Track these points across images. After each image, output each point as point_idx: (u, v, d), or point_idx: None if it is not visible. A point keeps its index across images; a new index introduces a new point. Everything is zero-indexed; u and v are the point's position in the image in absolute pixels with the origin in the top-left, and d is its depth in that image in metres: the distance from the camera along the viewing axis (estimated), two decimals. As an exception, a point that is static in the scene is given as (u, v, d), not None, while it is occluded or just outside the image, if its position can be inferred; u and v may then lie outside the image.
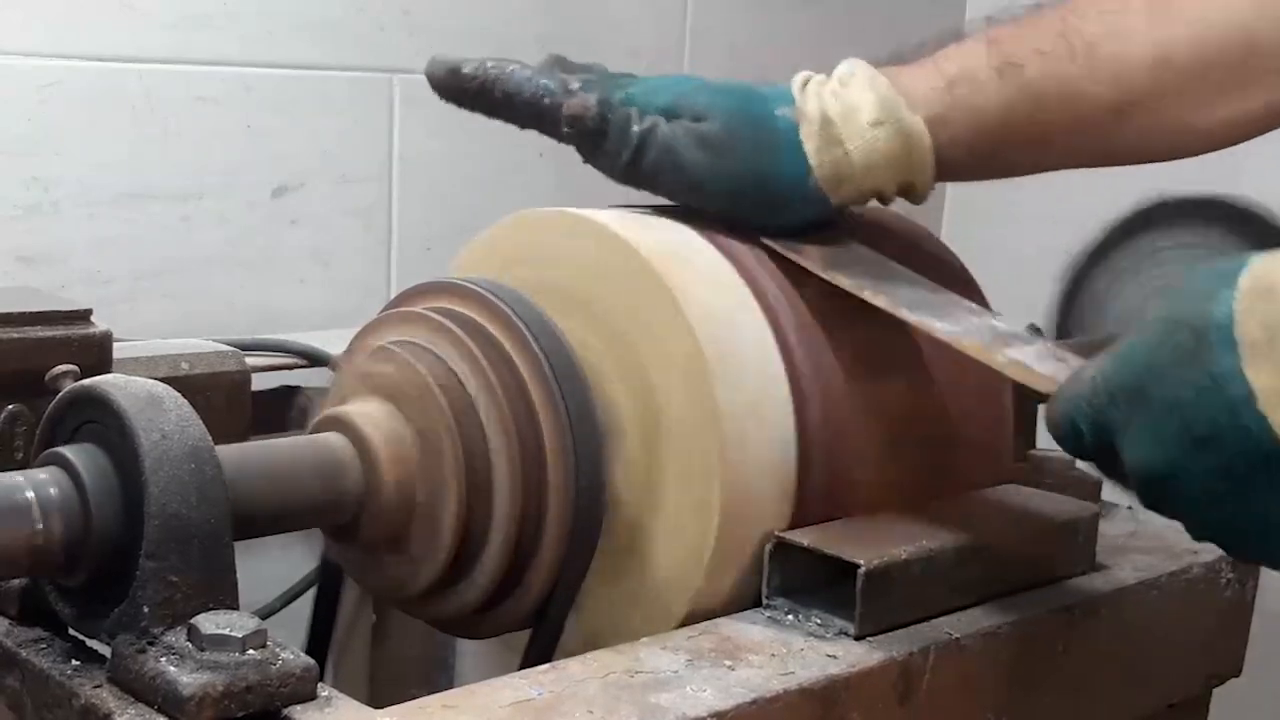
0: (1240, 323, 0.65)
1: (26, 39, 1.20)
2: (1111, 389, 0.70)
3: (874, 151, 0.87)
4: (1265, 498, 0.66)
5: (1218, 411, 0.65)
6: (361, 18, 1.39)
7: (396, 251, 1.45)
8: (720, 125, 0.87)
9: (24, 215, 1.22)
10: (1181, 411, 0.66)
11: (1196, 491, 0.68)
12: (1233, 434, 0.65)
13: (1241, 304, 0.65)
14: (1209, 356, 0.65)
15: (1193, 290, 0.68)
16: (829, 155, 0.87)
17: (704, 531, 0.82)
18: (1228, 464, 0.66)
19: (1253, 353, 0.64)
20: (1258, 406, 0.64)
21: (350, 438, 0.82)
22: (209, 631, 0.66)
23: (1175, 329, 0.67)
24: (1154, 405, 0.68)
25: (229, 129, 1.32)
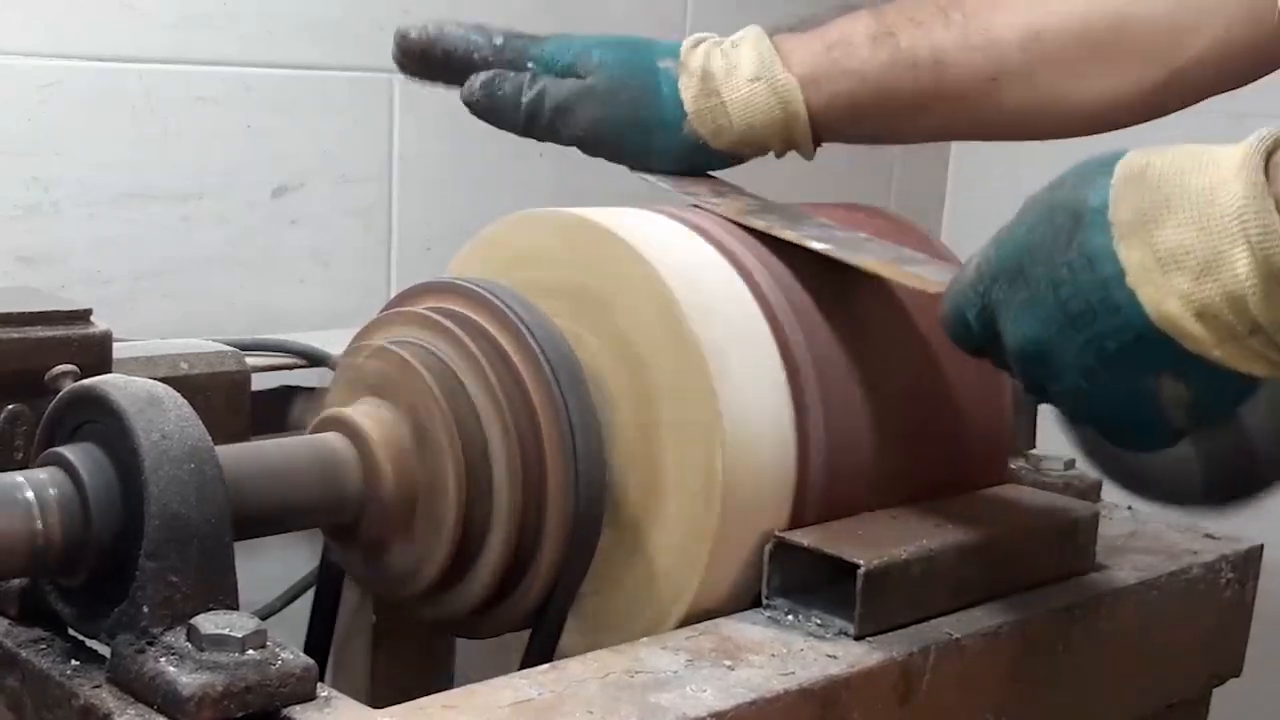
0: (1114, 205, 0.69)
1: (26, 39, 1.20)
2: (994, 271, 0.74)
3: (749, 105, 0.95)
4: (1134, 375, 0.70)
5: (1091, 289, 0.69)
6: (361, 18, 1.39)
7: (396, 251, 1.45)
8: (605, 78, 0.96)
9: (24, 215, 1.22)
10: (1057, 290, 0.70)
11: (1072, 370, 0.71)
12: (1105, 310, 0.69)
13: (1116, 189, 0.69)
14: (1084, 236, 0.69)
15: (1073, 178, 0.71)
16: (706, 104, 0.96)
17: (704, 531, 0.82)
18: (1100, 340, 0.69)
19: (1124, 232, 0.68)
20: (1127, 282, 0.68)
21: (350, 438, 0.82)
22: (209, 631, 0.66)
23: (1054, 213, 0.71)
24: (1032, 284, 0.71)
25: (229, 129, 1.32)
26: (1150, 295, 0.68)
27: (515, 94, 0.97)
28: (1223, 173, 0.67)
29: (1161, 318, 0.68)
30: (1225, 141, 0.69)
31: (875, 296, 0.92)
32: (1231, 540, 1.03)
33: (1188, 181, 0.68)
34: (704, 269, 0.87)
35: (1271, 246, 0.65)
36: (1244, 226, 0.66)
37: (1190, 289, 0.67)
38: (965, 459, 0.95)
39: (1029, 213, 0.73)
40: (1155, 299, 0.68)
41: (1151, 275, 0.67)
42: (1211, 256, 0.66)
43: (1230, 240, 0.66)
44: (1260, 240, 0.65)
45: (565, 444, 0.82)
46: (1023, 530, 0.90)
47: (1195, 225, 0.67)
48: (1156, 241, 0.67)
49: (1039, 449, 1.10)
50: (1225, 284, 0.66)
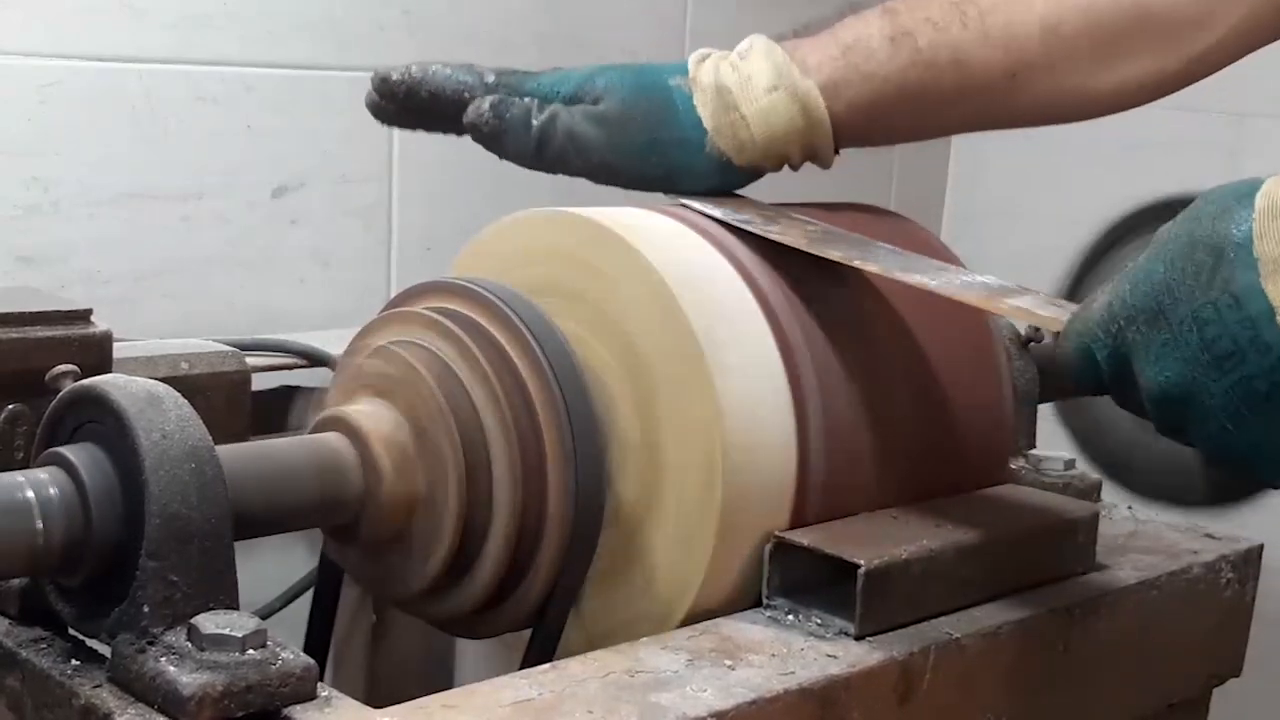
0: (1259, 240, 0.66)
1: (26, 39, 1.20)
2: (1129, 311, 0.71)
3: (770, 115, 0.92)
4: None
5: (1239, 328, 0.66)
6: (361, 18, 1.39)
7: (396, 251, 1.45)
8: (617, 101, 0.92)
9: (24, 215, 1.22)
10: (1202, 330, 0.67)
11: (1217, 412, 0.68)
12: (1255, 351, 0.66)
13: (1259, 223, 0.66)
14: (1229, 274, 0.66)
15: (1208, 210, 0.68)
16: (725, 119, 0.92)
17: (704, 531, 0.82)
18: (1249, 382, 0.67)
19: (1272, 269, 0.65)
20: (1278, 320, 0.65)
21: (350, 438, 0.82)
22: (209, 631, 0.66)
23: (1195, 249, 0.68)
24: (1174, 325, 0.68)
25: (229, 129, 1.32)
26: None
27: (525, 117, 0.93)
28: None
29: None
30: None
31: (876, 297, 0.92)
32: (1231, 540, 1.03)
33: None
34: (703, 268, 0.87)
35: None
36: None
37: None
38: (965, 459, 0.95)
39: (1165, 248, 0.70)
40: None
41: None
42: None
43: None
44: None
45: (565, 444, 0.82)
46: (1023, 530, 0.90)
47: None
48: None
49: (1039, 449, 1.10)
50: None
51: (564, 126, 0.92)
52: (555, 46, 1.51)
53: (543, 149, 0.93)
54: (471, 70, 0.95)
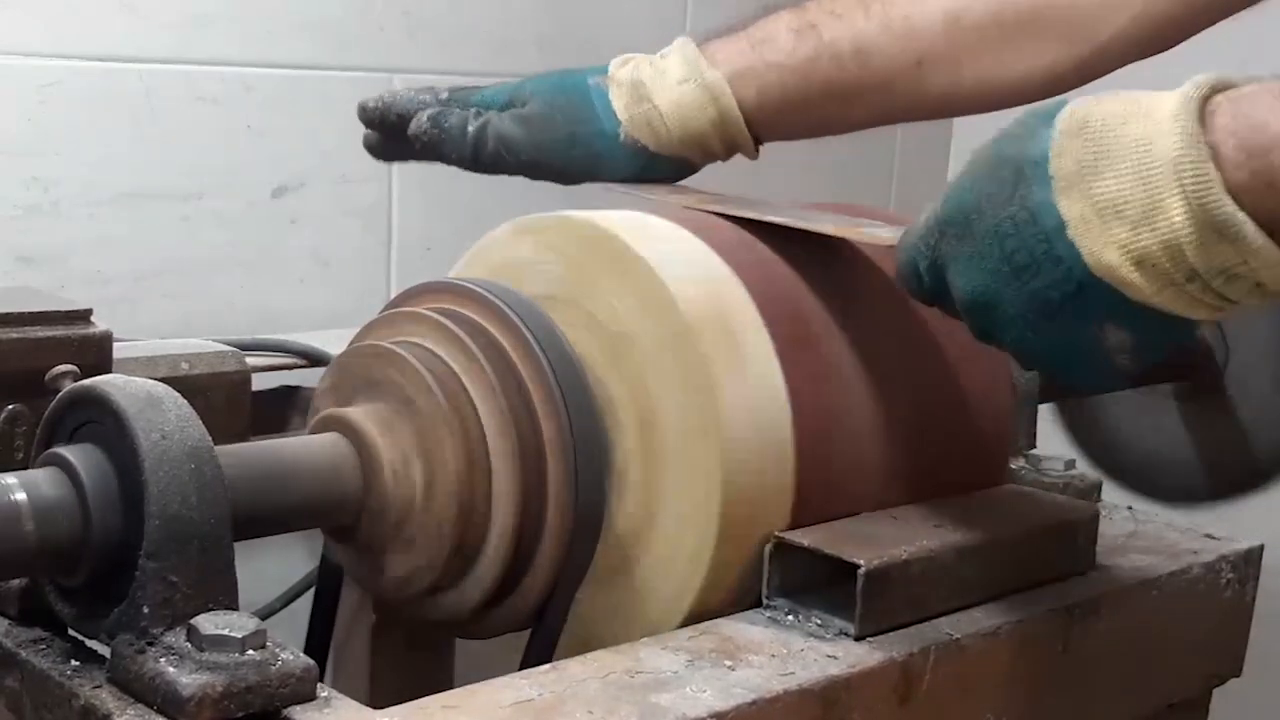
0: (1055, 158, 0.70)
1: (26, 39, 1.20)
2: (941, 225, 0.75)
3: (681, 105, 0.98)
4: (1077, 324, 0.71)
5: (1034, 242, 0.70)
6: (361, 18, 1.39)
7: (396, 251, 1.45)
8: (539, 102, 0.99)
9: (24, 215, 1.22)
10: (1002, 243, 0.72)
11: (1018, 321, 0.73)
12: (1048, 262, 0.70)
13: (1057, 141, 0.70)
14: (1026, 190, 0.71)
15: (1014, 130, 0.73)
16: (638, 110, 0.98)
17: (704, 532, 0.82)
18: (1044, 292, 0.71)
19: (1064, 185, 0.69)
20: (1068, 234, 0.69)
21: (350, 438, 0.82)
22: (209, 632, 0.66)
23: (999, 166, 0.72)
24: (978, 238, 0.73)
25: (229, 129, 1.32)
26: (1090, 247, 0.69)
27: (461, 126, 1.00)
28: (1158, 124, 0.68)
29: (1102, 268, 0.69)
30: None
31: (876, 297, 0.92)
32: (1231, 540, 1.03)
33: (1126, 132, 0.69)
34: (703, 271, 0.87)
35: (1206, 195, 0.66)
36: (1179, 176, 0.67)
37: (1129, 239, 0.68)
38: (965, 459, 0.95)
39: (975, 166, 0.74)
40: (1095, 250, 0.69)
41: (1091, 227, 0.69)
42: (1149, 206, 0.68)
43: (1166, 190, 0.67)
44: (1195, 189, 0.66)
45: (565, 444, 0.82)
46: (1022, 530, 0.90)
47: (1133, 176, 0.68)
48: (1095, 193, 0.69)
49: (1039, 449, 1.10)
50: (1162, 233, 0.67)
51: (494, 130, 0.99)
52: (555, 46, 1.51)
53: (478, 152, 1.00)
54: (429, 90, 1.03)
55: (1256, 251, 0.67)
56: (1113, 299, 0.70)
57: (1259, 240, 0.66)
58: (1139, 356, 0.73)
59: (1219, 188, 0.66)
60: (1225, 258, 0.67)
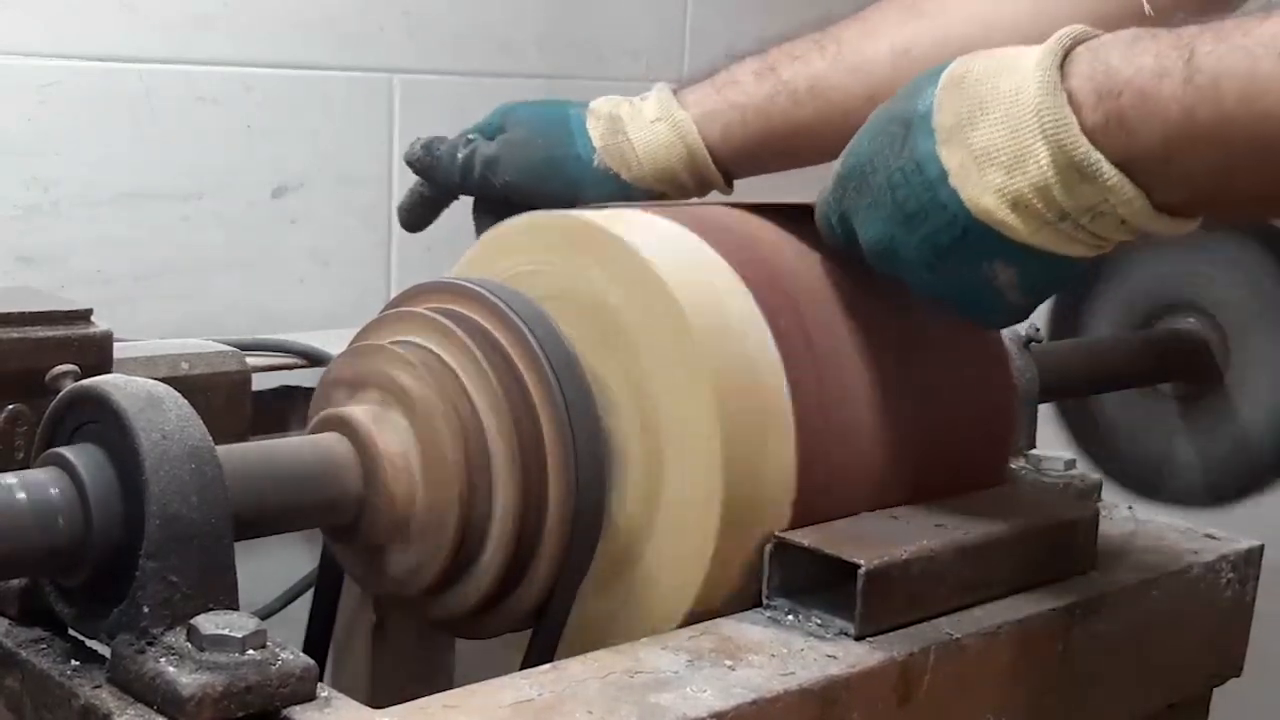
0: (936, 112, 0.76)
1: (26, 39, 1.20)
2: (843, 180, 0.82)
3: (652, 141, 1.06)
4: (968, 265, 0.77)
5: (921, 190, 0.76)
6: (361, 18, 1.39)
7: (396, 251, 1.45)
8: (524, 129, 1.08)
9: (24, 215, 1.22)
10: (894, 193, 0.78)
11: (916, 264, 0.79)
12: (934, 209, 0.76)
13: (939, 97, 0.76)
14: (913, 143, 0.77)
15: (905, 90, 0.79)
16: (613, 140, 1.07)
17: (704, 532, 0.82)
18: (934, 236, 0.77)
19: (945, 136, 0.75)
20: (950, 182, 0.75)
21: (350, 438, 0.82)
22: (209, 632, 0.66)
23: (890, 122, 0.79)
24: (874, 189, 0.79)
25: (229, 129, 1.32)
26: (970, 193, 0.75)
27: (451, 152, 1.09)
28: (1026, 73, 0.73)
29: (981, 212, 0.75)
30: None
31: (877, 297, 0.92)
32: (1231, 540, 1.03)
33: (999, 84, 0.74)
34: (705, 269, 0.87)
35: (1066, 139, 0.72)
36: (1041, 122, 0.72)
37: (1003, 184, 0.74)
38: (966, 459, 0.95)
39: (871, 124, 0.81)
40: (974, 196, 0.75)
41: (969, 174, 0.75)
42: (1019, 152, 0.73)
43: (1032, 136, 0.73)
44: (1055, 134, 0.72)
45: (565, 444, 0.82)
46: (1023, 530, 0.90)
47: (1004, 124, 0.73)
48: (972, 142, 0.74)
49: (1039, 449, 1.10)
50: (1031, 177, 0.73)
51: (481, 155, 1.08)
52: (555, 46, 1.51)
53: (465, 176, 1.08)
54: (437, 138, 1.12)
55: (1114, 189, 0.72)
56: (995, 240, 0.75)
57: (1115, 178, 0.72)
58: (1030, 291, 0.79)
59: (1076, 130, 0.71)
60: (1089, 197, 0.73)
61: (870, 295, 0.92)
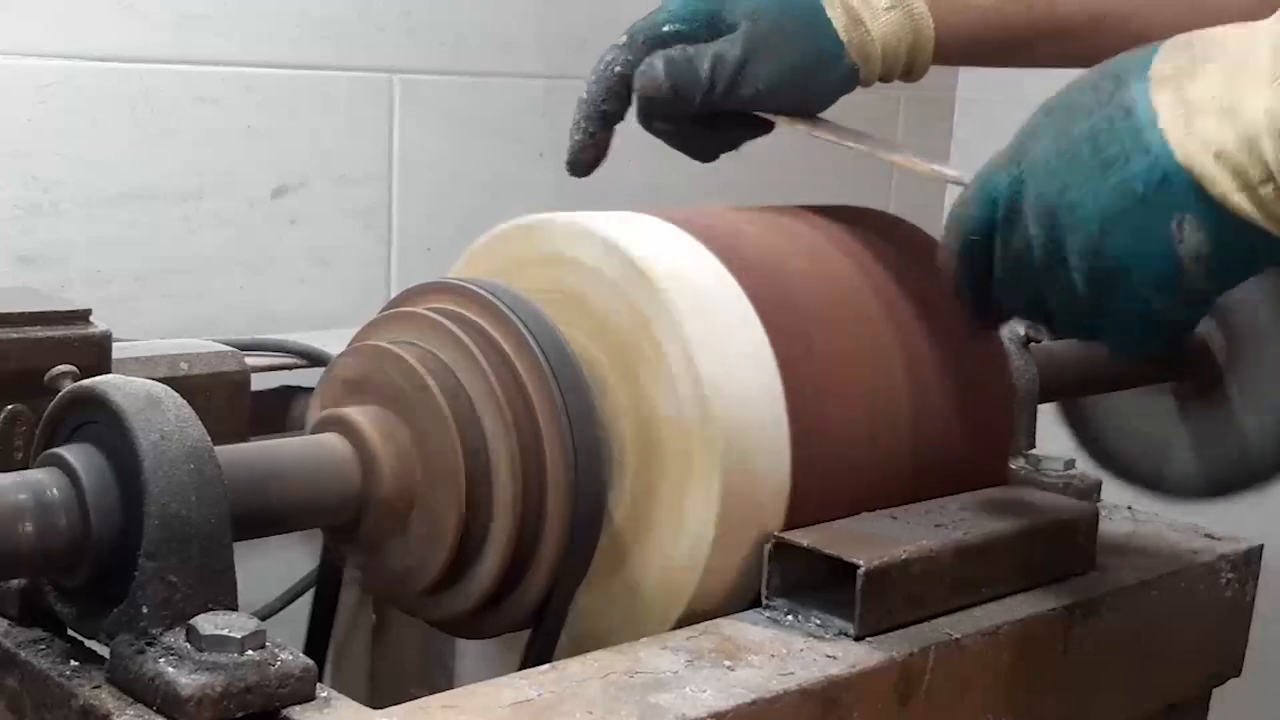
0: (1156, 63, 0.74)
1: (26, 39, 1.20)
2: (1033, 133, 0.78)
3: (888, 32, 0.97)
4: (1156, 218, 0.73)
5: (1126, 134, 0.73)
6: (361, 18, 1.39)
7: (396, 251, 1.45)
8: (769, 24, 0.94)
9: (24, 215, 1.22)
10: (1095, 139, 0.74)
11: (1095, 215, 0.74)
12: (1137, 151, 0.73)
13: (1161, 51, 0.74)
14: (1124, 91, 0.74)
15: (1125, 54, 0.76)
16: (855, 34, 0.96)
17: (703, 531, 0.82)
18: (1129, 182, 0.73)
19: (1160, 84, 0.73)
20: (1159, 124, 0.72)
21: (350, 438, 0.82)
22: (208, 632, 0.66)
23: (1102, 77, 0.76)
24: (1072, 139, 0.75)
25: (229, 129, 1.32)
26: (1177, 136, 0.71)
27: (689, 66, 0.93)
28: (1259, 30, 0.71)
29: (1186, 156, 0.71)
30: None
31: (876, 296, 0.92)
32: (1231, 540, 1.03)
33: (1228, 40, 0.72)
34: (699, 270, 0.87)
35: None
36: (1274, 71, 0.69)
37: (1212, 131, 0.70)
38: (965, 459, 0.95)
39: (1076, 81, 0.77)
40: (1181, 139, 0.71)
41: (1179, 119, 0.71)
42: (1234, 102, 0.70)
43: (1254, 86, 0.69)
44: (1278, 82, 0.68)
45: (565, 444, 0.82)
46: (1023, 530, 0.90)
47: (1224, 75, 0.71)
48: (1189, 90, 0.72)
49: (1039, 449, 1.10)
50: (1242, 127, 0.69)
51: (729, 63, 0.93)
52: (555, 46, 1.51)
53: (710, 92, 0.93)
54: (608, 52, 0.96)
55: None
56: (1195, 193, 0.71)
57: None
58: (1213, 270, 0.73)
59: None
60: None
61: (869, 295, 0.92)
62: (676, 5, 0.95)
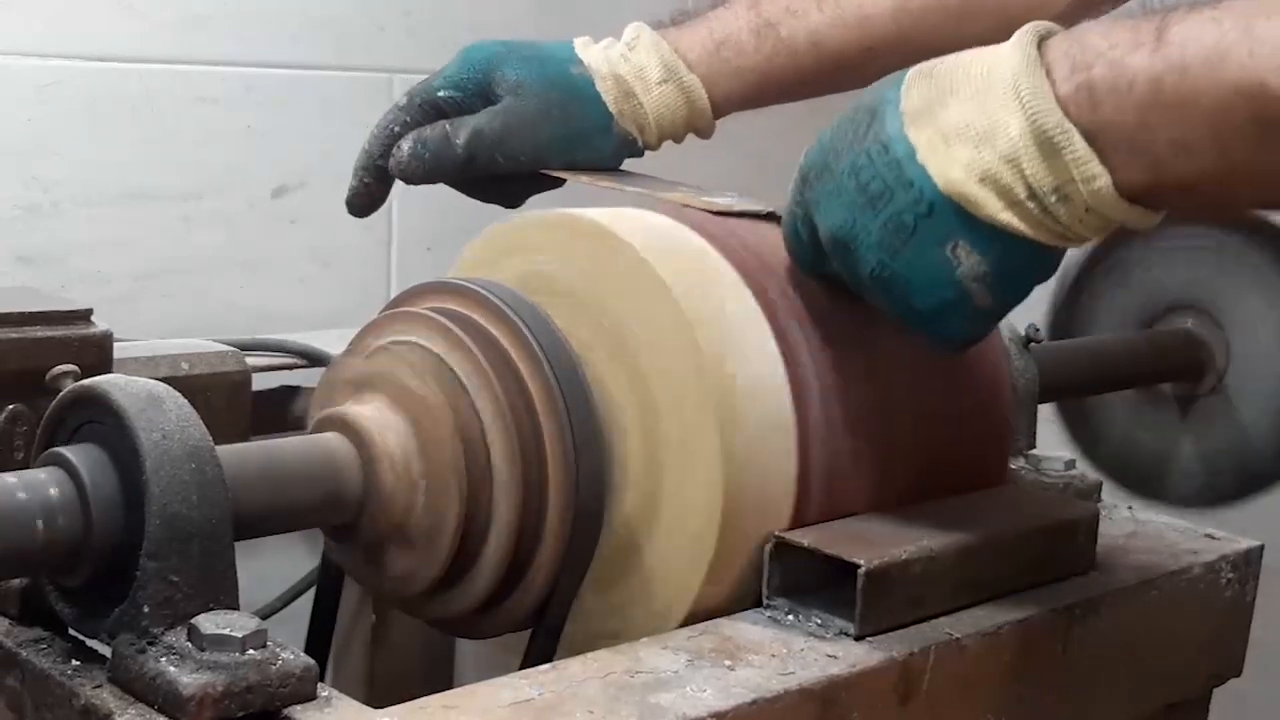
0: (904, 97, 0.76)
1: (26, 39, 1.20)
2: (805, 173, 0.81)
3: (663, 105, 1.02)
4: (932, 247, 0.76)
5: (887, 169, 0.76)
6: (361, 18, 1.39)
7: (396, 251, 1.45)
8: (532, 99, 0.98)
9: (24, 215, 1.22)
10: (858, 175, 0.77)
11: (875, 249, 0.77)
12: (900, 186, 0.76)
13: (906, 84, 0.77)
14: (879, 126, 0.77)
15: (874, 87, 0.79)
16: (627, 105, 1.01)
17: (704, 532, 0.82)
18: (898, 216, 0.76)
19: (913, 118, 0.76)
20: (918, 158, 0.75)
21: (350, 438, 0.82)
22: (209, 631, 0.66)
23: (857, 113, 0.79)
24: (837, 175, 0.78)
25: (229, 129, 1.32)
26: (938, 166, 0.74)
27: (443, 142, 0.97)
28: (999, 54, 0.74)
29: (949, 184, 0.74)
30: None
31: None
32: (1231, 540, 1.03)
33: (970, 68, 0.75)
34: (703, 268, 0.87)
35: (1040, 107, 0.72)
36: (1018, 92, 0.72)
37: (972, 156, 0.73)
38: (965, 459, 0.95)
39: (837, 121, 0.80)
40: (942, 169, 0.74)
41: (938, 149, 0.74)
42: (989, 126, 0.73)
43: (1006, 109, 0.73)
44: (1030, 101, 0.72)
45: (565, 444, 0.82)
46: (1023, 530, 0.90)
47: (974, 101, 0.74)
48: (942, 120, 0.75)
49: (1039, 449, 1.10)
50: (1001, 149, 0.73)
51: (487, 137, 0.96)
52: (555, 46, 1.51)
53: (469, 164, 0.97)
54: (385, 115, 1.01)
55: (1081, 162, 0.71)
56: (962, 218, 0.75)
57: (1082, 150, 0.71)
58: (995, 287, 0.76)
59: (1050, 99, 0.72)
60: (1057, 173, 0.72)
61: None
62: (452, 71, 0.99)
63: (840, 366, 0.88)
